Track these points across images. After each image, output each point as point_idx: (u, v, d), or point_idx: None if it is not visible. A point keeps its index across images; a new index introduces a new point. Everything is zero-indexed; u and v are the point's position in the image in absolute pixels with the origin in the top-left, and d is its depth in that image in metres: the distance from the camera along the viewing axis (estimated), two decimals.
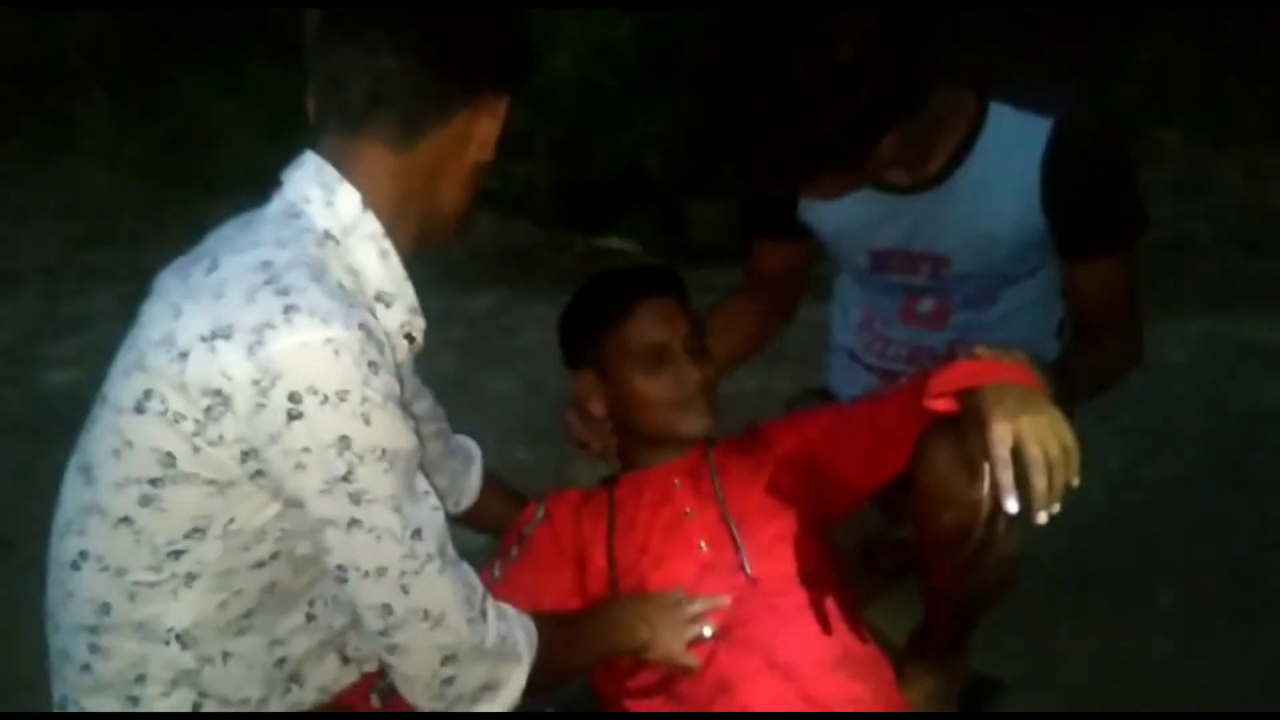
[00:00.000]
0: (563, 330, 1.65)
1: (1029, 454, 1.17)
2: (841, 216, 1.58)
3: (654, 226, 3.13)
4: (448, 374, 1.49)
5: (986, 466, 1.20)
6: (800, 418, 1.64)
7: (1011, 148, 1.46)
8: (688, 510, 1.53)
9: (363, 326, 1.03)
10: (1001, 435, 1.18)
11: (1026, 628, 1.79)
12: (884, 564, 1.92)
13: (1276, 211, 3.20)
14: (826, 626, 1.42)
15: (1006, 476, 1.17)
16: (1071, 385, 1.39)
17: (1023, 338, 1.51)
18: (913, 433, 1.37)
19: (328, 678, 1.24)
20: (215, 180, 3.24)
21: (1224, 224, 3.17)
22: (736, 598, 1.44)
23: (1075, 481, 1.20)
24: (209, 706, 1.15)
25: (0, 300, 2.97)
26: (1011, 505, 1.17)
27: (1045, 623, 1.82)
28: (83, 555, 1.11)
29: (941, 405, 1.29)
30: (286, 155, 1.19)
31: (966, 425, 1.24)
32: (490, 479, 1.63)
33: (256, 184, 1.20)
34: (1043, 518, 1.18)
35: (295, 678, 1.21)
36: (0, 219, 3.36)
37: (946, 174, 1.49)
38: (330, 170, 1.10)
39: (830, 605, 1.44)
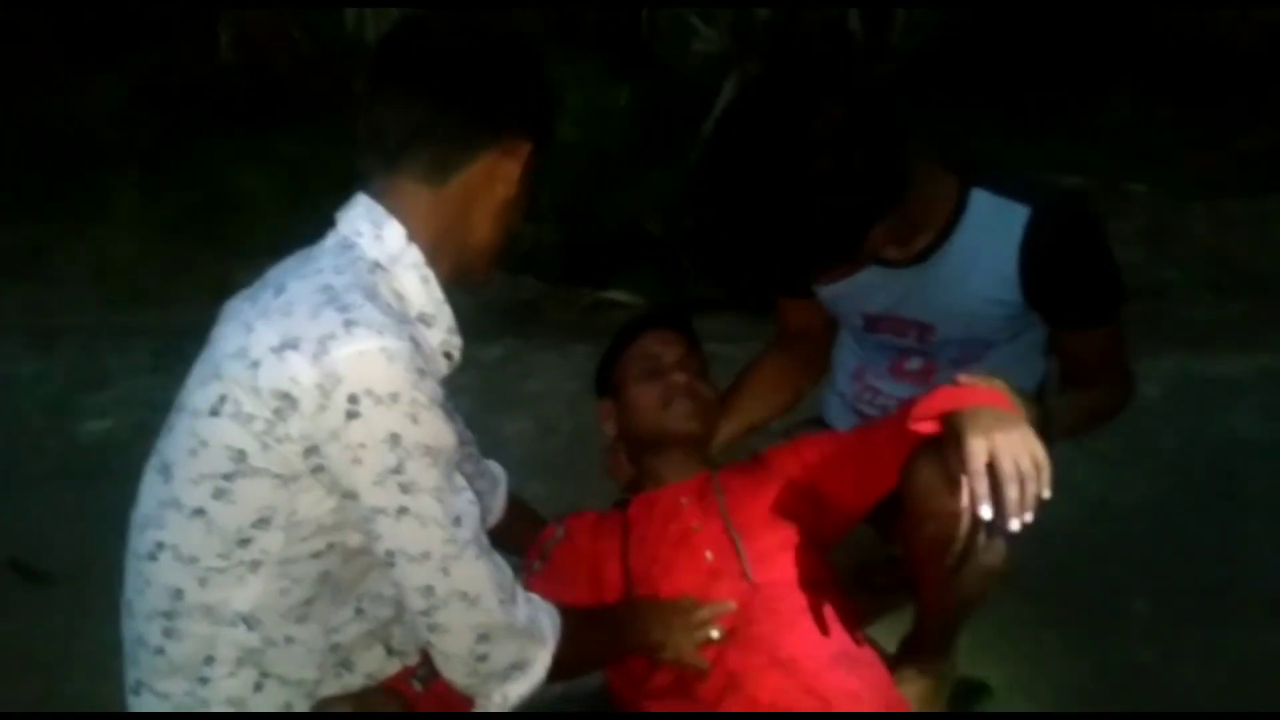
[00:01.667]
0: (596, 373, 1.89)
1: (1002, 467, 1.27)
2: (836, 284, 1.67)
3: (655, 280, 3.25)
4: (465, 417, 1.60)
5: (964, 479, 1.30)
6: (800, 443, 1.77)
7: (991, 231, 1.54)
8: (694, 525, 1.65)
9: (412, 339, 1.16)
10: (976, 450, 1.28)
11: (1012, 637, 1.89)
12: (879, 581, 2.02)
13: (1240, 258, 3.34)
14: (825, 627, 1.53)
15: (981, 486, 1.27)
16: (1056, 418, 1.48)
17: None
18: (901, 455, 1.49)
19: (374, 666, 1.34)
20: (239, 244, 3.36)
21: (1192, 270, 3.29)
22: (741, 602, 1.55)
23: (1046, 494, 1.29)
24: (269, 686, 1.26)
25: (40, 356, 3.09)
26: (985, 513, 1.27)
27: (1030, 632, 1.93)
28: (159, 546, 1.23)
29: (925, 428, 1.39)
30: (307, 219, 1.32)
31: (946, 443, 1.35)
32: (514, 502, 1.75)
33: (278, 246, 1.32)
34: (1015, 525, 1.27)
35: (346, 664, 1.32)
36: (39, 283, 3.48)
37: (931, 251, 1.58)
38: (378, 208, 1.24)
39: (828, 609, 1.56)
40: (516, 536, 1.74)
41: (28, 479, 2.56)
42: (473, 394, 2.66)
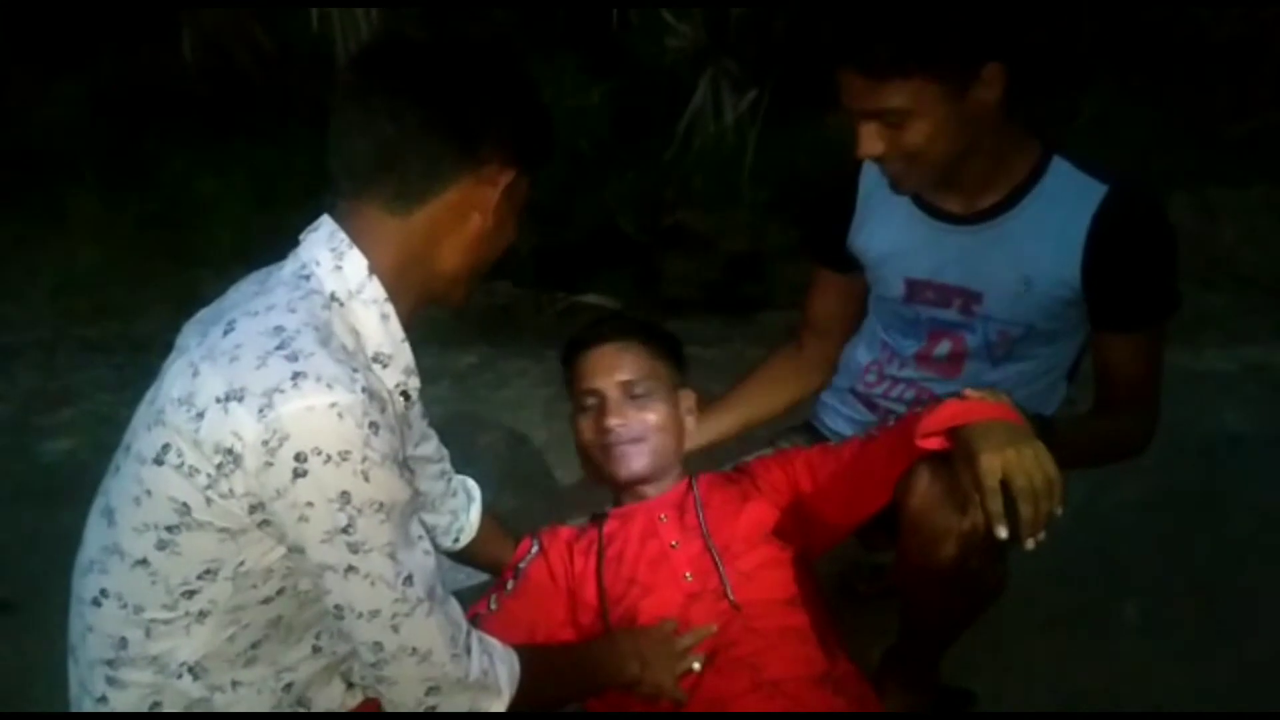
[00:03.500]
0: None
1: (1016, 485, 1.23)
2: (887, 239, 1.65)
3: (631, 283, 3.22)
4: (436, 427, 1.55)
5: (977, 498, 1.25)
6: (788, 455, 1.71)
7: (1065, 201, 1.51)
8: (673, 543, 1.60)
9: (365, 390, 1.08)
10: (990, 467, 1.24)
11: (997, 643, 1.85)
12: (861, 590, 1.99)
13: (1225, 249, 3.32)
14: (808, 648, 1.49)
15: (996, 505, 1.23)
16: (1063, 437, 1.42)
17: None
18: (899, 470, 1.42)
19: (334, 701, 1.30)
20: (203, 254, 3.33)
21: (1179, 261, 3.27)
22: (722, 624, 1.51)
23: (1059, 510, 1.25)
24: None
25: None
26: (1002, 532, 1.23)
27: (1015, 638, 1.88)
28: (103, 593, 1.17)
29: (932, 443, 1.34)
30: (270, 228, 1.26)
31: (957, 459, 1.30)
32: (488, 519, 1.69)
33: (242, 256, 1.27)
34: (1030, 544, 1.24)
35: (302, 701, 1.27)
36: None
37: (999, 211, 1.55)
38: (341, 236, 1.17)
39: (811, 627, 1.51)
40: (490, 555, 1.70)
41: None
42: (445, 403, 2.62)
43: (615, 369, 1.68)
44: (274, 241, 1.24)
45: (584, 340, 1.72)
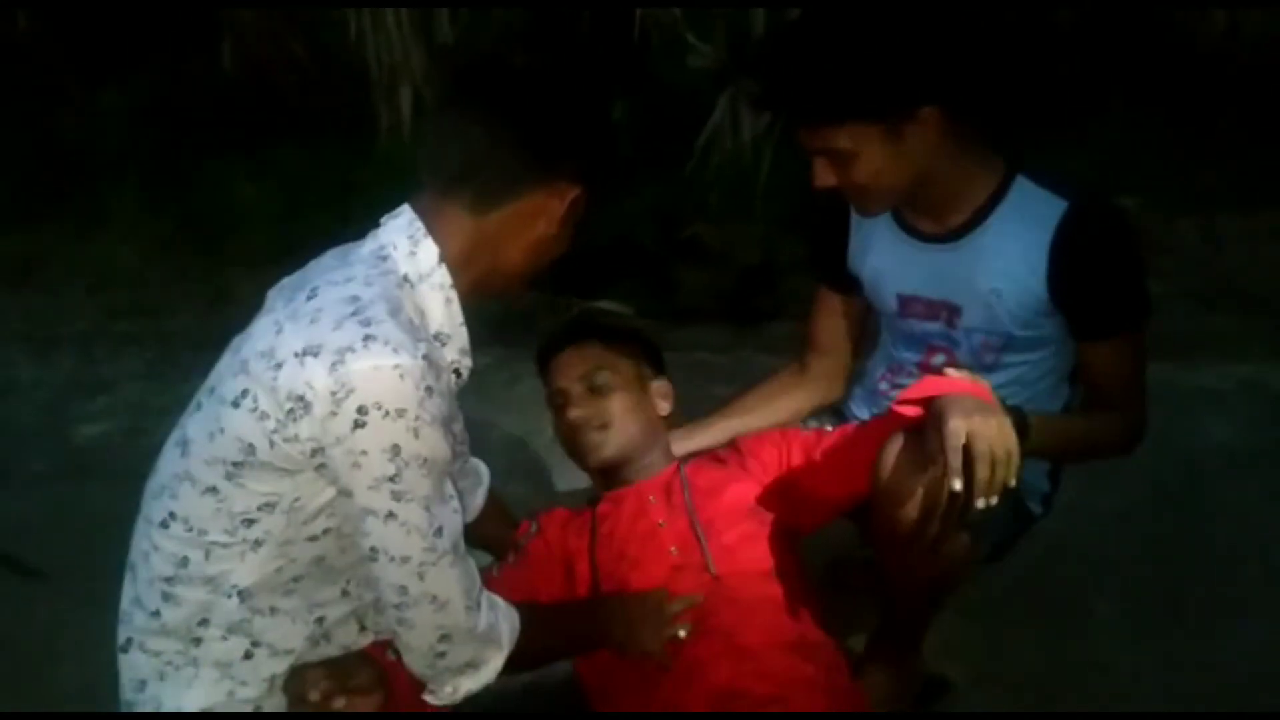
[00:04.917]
0: None
1: (976, 448, 1.32)
2: (878, 257, 1.74)
3: (646, 291, 3.29)
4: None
5: (940, 459, 1.34)
6: (784, 434, 1.79)
7: (1027, 218, 1.59)
8: (660, 522, 1.69)
9: (426, 357, 1.22)
10: (955, 429, 1.33)
11: (978, 637, 1.92)
12: (852, 582, 2.05)
13: (1229, 272, 3.36)
14: (783, 616, 1.57)
15: (955, 459, 1.32)
16: (1037, 428, 1.50)
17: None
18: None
19: (350, 640, 1.43)
20: (237, 255, 3.45)
21: (1182, 283, 3.30)
22: (704, 594, 1.59)
23: (1012, 482, 1.34)
24: (259, 654, 1.34)
25: (40, 363, 3.18)
26: (956, 484, 1.32)
27: (995, 632, 1.95)
28: (172, 515, 1.31)
29: (909, 410, 1.44)
30: (303, 232, 1.38)
31: (928, 424, 1.39)
32: (492, 500, 1.80)
33: (273, 258, 1.39)
34: (980, 504, 1.33)
35: (326, 636, 1.40)
36: (40, 291, 3.58)
37: (967, 229, 1.63)
38: (419, 225, 1.32)
39: (787, 598, 1.59)
40: (490, 535, 1.79)
41: (24, 479, 2.62)
42: (462, 398, 2.69)
43: (572, 366, 1.79)
44: (304, 245, 1.36)
45: (546, 350, 1.85)
